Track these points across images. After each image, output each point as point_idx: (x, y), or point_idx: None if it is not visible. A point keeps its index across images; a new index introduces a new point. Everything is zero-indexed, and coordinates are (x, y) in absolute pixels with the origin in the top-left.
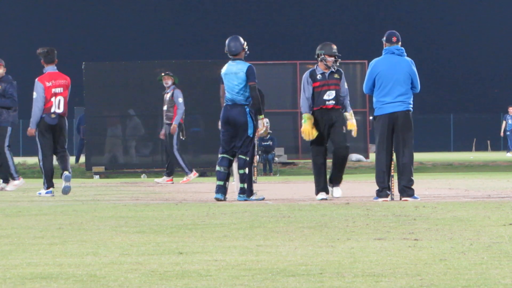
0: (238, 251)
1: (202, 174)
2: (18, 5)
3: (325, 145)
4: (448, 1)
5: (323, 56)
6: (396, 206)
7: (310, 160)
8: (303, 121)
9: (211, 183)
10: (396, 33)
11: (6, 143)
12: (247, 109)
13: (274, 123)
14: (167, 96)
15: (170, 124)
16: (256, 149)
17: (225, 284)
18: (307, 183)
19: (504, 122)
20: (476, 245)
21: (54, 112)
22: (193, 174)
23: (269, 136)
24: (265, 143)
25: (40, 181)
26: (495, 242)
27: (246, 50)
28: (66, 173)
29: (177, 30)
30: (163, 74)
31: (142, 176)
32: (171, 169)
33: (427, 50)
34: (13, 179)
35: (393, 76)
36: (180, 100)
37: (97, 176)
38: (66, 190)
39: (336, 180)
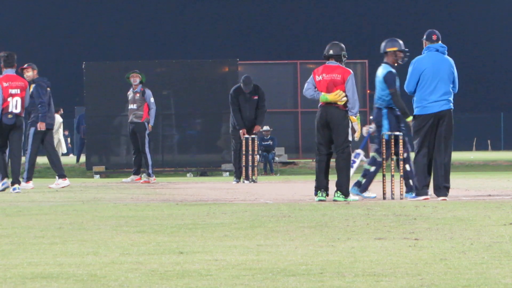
0: (238, 250)
1: (202, 174)
2: (19, 5)
3: None
4: (449, 2)
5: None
6: (396, 205)
7: (311, 160)
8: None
9: (211, 183)
10: (436, 32)
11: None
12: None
13: (275, 122)
14: (137, 95)
15: (139, 123)
16: (256, 149)
17: (226, 283)
18: (308, 183)
19: None
20: (476, 244)
21: (11, 112)
22: (153, 179)
23: (269, 136)
24: (266, 143)
25: (39, 181)
26: (495, 241)
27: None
28: (16, 187)
29: (177, 30)
30: (131, 72)
31: (143, 175)
32: (139, 167)
33: None
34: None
35: (438, 74)
36: (152, 99)
37: (98, 176)
38: (4, 188)
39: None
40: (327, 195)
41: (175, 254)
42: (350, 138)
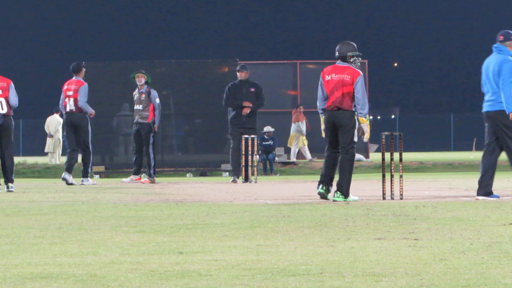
0: (238, 250)
1: (202, 174)
2: (19, 6)
3: None
4: (450, 2)
5: None
6: (396, 206)
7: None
8: None
9: (211, 183)
10: (505, 32)
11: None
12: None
13: (275, 123)
14: (143, 96)
15: (145, 124)
16: (256, 149)
17: (225, 283)
18: (307, 183)
19: None
20: (476, 244)
21: None
22: (153, 179)
23: (270, 136)
24: (266, 143)
25: (39, 181)
26: (495, 241)
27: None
28: (10, 185)
29: (177, 30)
30: (137, 72)
31: (143, 175)
32: (139, 167)
33: (428, 50)
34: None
35: (486, 75)
36: (158, 100)
37: (97, 176)
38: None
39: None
40: (329, 190)
41: (174, 254)
42: (355, 139)
